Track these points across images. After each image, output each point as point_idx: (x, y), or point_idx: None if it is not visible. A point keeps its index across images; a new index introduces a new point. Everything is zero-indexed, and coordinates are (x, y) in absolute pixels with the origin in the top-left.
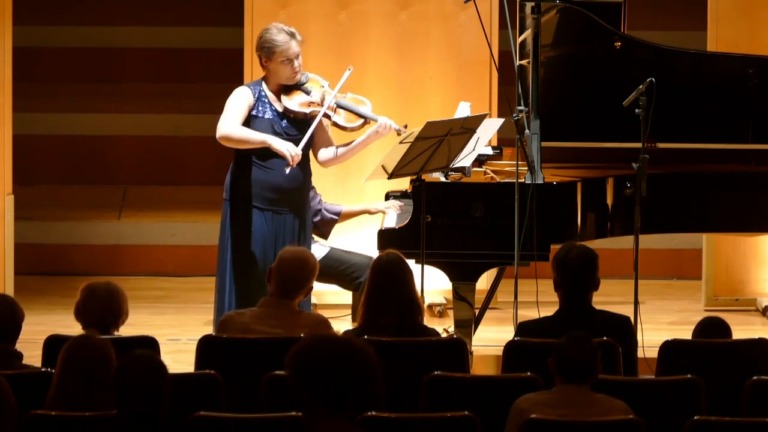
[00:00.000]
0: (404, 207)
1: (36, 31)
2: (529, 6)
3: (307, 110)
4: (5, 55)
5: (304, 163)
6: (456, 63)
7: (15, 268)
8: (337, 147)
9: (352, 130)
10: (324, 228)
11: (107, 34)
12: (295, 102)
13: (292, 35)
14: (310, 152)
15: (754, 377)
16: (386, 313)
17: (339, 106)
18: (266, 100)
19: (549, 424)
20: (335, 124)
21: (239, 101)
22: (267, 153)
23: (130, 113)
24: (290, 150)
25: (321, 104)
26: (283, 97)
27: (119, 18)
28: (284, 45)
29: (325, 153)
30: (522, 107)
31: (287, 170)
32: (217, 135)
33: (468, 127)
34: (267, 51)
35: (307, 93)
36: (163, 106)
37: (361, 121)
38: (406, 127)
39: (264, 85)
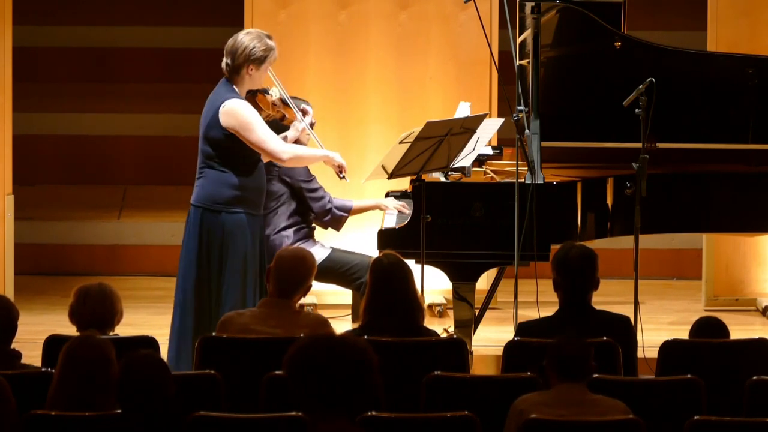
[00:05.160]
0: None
1: (36, 31)
2: (529, 6)
3: (272, 111)
4: (5, 55)
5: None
6: (456, 63)
7: (15, 268)
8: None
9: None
10: (334, 224)
11: (107, 34)
12: (269, 105)
13: (271, 38)
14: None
15: (754, 377)
16: (388, 315)
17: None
18: None
19: (549, 424)
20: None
21: (258, 116)
22: (254, 160)
23: (130, 113)
24: (342, 161)
25: (278, 102)
26: (258, 104)
27: (119, 18)
28: (275, 51)
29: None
30: (522, 107)
31: (347, 179)
32: (285, 158)
33: (468, 127)
34: (259, 60)
35: (266, 93)
36: (163, 106)
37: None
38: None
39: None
